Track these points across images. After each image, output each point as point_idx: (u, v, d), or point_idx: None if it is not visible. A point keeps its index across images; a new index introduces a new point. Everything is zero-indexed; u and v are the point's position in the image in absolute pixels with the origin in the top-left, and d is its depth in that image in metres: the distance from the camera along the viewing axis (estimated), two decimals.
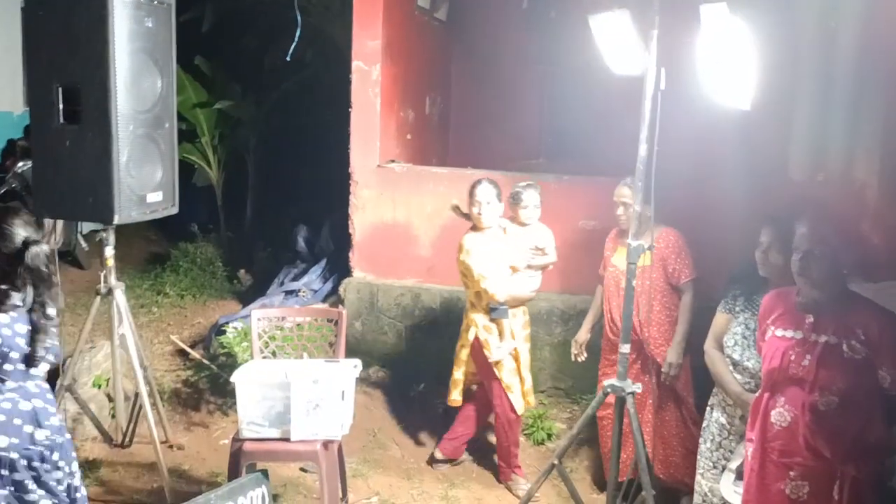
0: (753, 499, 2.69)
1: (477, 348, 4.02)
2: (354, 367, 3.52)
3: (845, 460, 2.50)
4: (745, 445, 2.81)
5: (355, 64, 5.18)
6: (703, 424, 3.31)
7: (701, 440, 3.30)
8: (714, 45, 2.72)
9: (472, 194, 3.98)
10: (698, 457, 3.30)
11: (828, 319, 2.53)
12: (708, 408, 3.30)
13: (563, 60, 5.86)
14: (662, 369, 3.72)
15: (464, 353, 4.10)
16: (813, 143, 3.82)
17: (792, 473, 2.58)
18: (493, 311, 3.93)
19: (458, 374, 4.14)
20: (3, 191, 7.28)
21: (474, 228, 4.03)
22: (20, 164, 7.20)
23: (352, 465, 4.11)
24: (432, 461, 4.26)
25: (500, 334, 3.97)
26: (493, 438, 4.36)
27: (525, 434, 4.54)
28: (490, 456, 4.40)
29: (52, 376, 4.31)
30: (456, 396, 4.17)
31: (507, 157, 5.90)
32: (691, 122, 3.73)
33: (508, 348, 3.97)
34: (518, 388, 4.03)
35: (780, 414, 2.59)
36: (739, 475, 3.00)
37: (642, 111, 3.01)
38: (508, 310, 3.96)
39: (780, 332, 2.63)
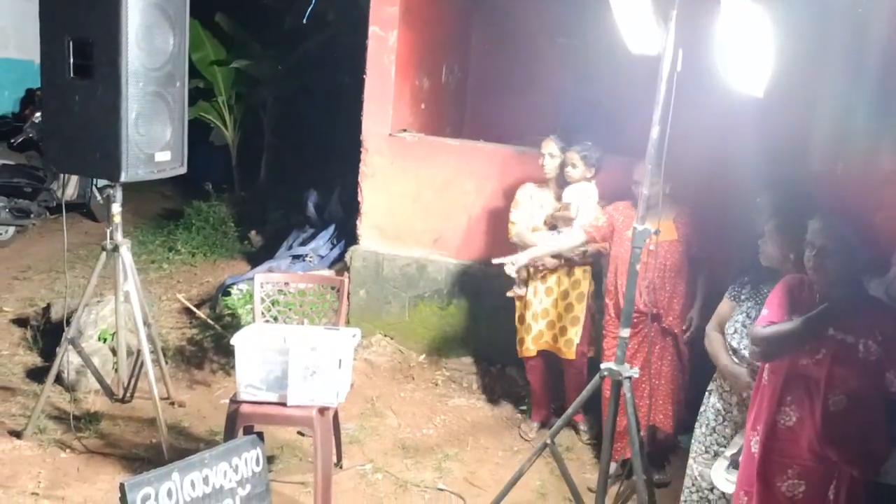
0: (752, 491, 2.68)
1: None
2: (353, 336, 3.53)
3: (851, 462, 2.49)
4: (746, 435, 2.80)
5: (372, 29, 5.10)
6: (700, 409, 3.31)
7: (696, 425, 3.31)
8: (732, 29, 2.64)
9: (541, 147, 4.30)
10: (692, 441, 3.31)
11: (846, 317, 2.49)
12: (706, 393, 3.30)
13: (585, 35, 5.75)
14: (686, 330, 3.89)
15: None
16: (833, 133, 3.73)
17: (790, 472, 2.59)
18: None
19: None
20: (20, 139, 7.32)
21: (541, 182, 4.39)
22: (38, 114, 7.22)
23: (348, 431, 4.15)
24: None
25: (518, 279, 4.27)
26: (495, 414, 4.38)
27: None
28: (488, 428, 4.42)
29: (59, 327, 4.39)
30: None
31: (523, 130, 5.83)
32: (708, 107, 3.66)
33: (516, 293, 4.31)
34: (522, 332, 4.34)
35: (785, 413, 2.58)
36: (734, 464, 3.00)
37: (657, 92, 2.95)
38: (502, 259, 4.18)
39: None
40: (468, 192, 5.11)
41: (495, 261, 3.86)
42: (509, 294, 4.34)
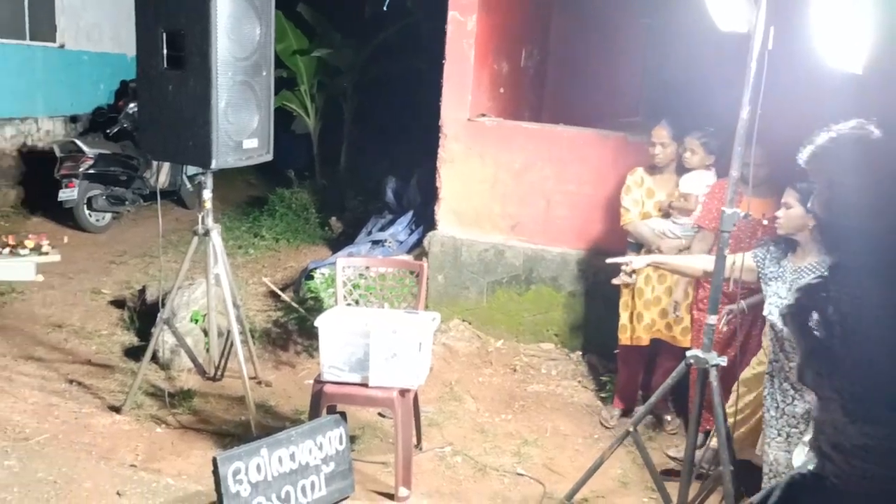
0: None
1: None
2: (433, 319, 3.57)
3: None
4: None
5: (451, 14, 5.10)
6: (764, 393, 3.21)
7: (764, 409, 3.22)
8: (828, 1, 2.52)
9: (649, 135, 4.17)
10: (763, 425, 3.21)
11: None
12: (766, 376, 3.19)
13: (669, 15, 5.59)
14: None
15: None
16: None
17: None
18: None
19: None
20: (115, 130, 7.69)
21: (651, 167, 4.24)
22: (131, 105, 7.56)
23: (427, 414, 4.20)
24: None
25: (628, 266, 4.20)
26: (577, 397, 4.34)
27: None
28: (568, 414, 4.40)
29: (153, 309, 4.60)
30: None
31: (604, 114, 5.74)
32: (800, 86, 3.50)
33: (625, 280, 4.18)
34: (626, 320, 4.26)
35: None
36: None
37: (747, 72, 2.85)
38: (636, 245, 4.23)
39: None
40: (547, 177, 5.06)
41: (609, 260, 3.71)
42: (616, 282, 4.22)
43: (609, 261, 3.51)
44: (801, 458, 2.95)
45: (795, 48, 2.85)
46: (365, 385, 3.40)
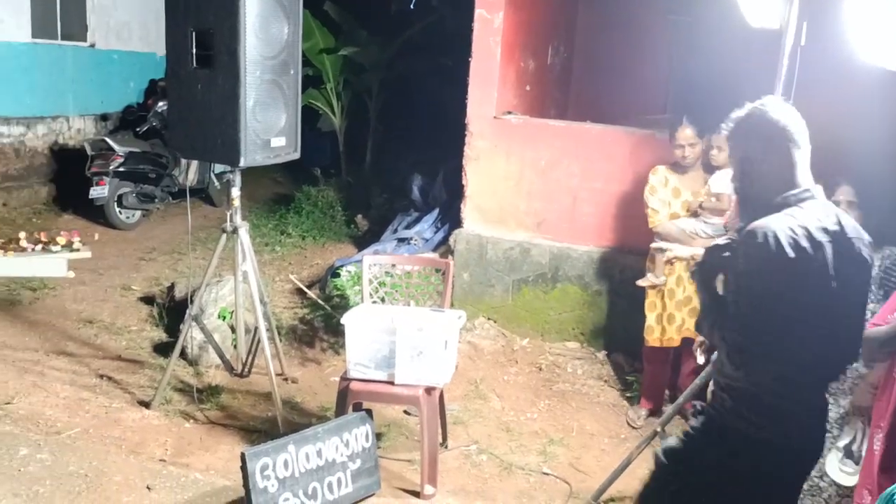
0: (874, 487, 2.56)
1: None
2: (459, 317, 3.57)
3: None
4: (870, 432, 2.67)
5: (478, 12, 5.08)
6: None
7: None
8: None
9: (673, 137, 4.10)
10: None
11: None
12: None
13: (697, 10, 5.53)
14: None
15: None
16: None
17: None
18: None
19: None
20: (144, 128, 7.78)
21: (674, 165, 4.20)
22: (161, 103, 7.65)
23: (453, 412, 4.20)
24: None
25: (655, 266, 4.14)
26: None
27: None
28: (594, 414, 4.38)
29: (182, 305, 4.66)
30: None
31: (631, 111, 5.69)
32: (833, 83, 3.45)
33: (652, 281, 4.15)
34: (653, 321, 4.22)
35: None
36: (848, 454, 2.87)
37: (779, 68, 2.81)
38: (663, 245, 4.11)
39: None
40: (573, 175, 5.04)
41: (654, 245, 3.63)
42: (642, 283, 4.17)
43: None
44: (835, 462, 2.93)
45: (828, 44, 2.81)
46: (391, 382, 3.42)
